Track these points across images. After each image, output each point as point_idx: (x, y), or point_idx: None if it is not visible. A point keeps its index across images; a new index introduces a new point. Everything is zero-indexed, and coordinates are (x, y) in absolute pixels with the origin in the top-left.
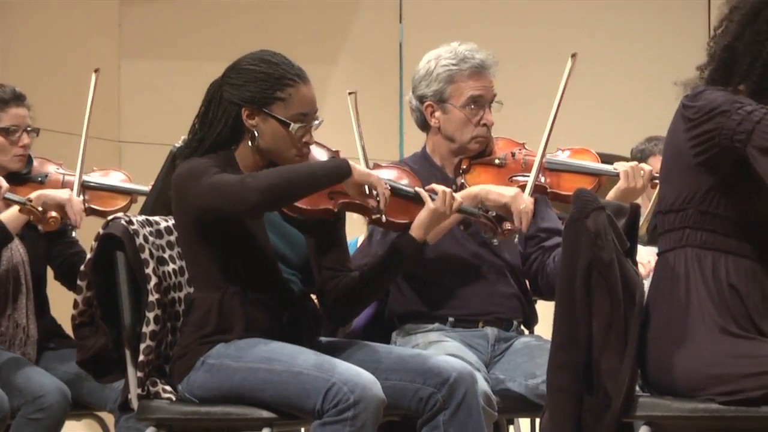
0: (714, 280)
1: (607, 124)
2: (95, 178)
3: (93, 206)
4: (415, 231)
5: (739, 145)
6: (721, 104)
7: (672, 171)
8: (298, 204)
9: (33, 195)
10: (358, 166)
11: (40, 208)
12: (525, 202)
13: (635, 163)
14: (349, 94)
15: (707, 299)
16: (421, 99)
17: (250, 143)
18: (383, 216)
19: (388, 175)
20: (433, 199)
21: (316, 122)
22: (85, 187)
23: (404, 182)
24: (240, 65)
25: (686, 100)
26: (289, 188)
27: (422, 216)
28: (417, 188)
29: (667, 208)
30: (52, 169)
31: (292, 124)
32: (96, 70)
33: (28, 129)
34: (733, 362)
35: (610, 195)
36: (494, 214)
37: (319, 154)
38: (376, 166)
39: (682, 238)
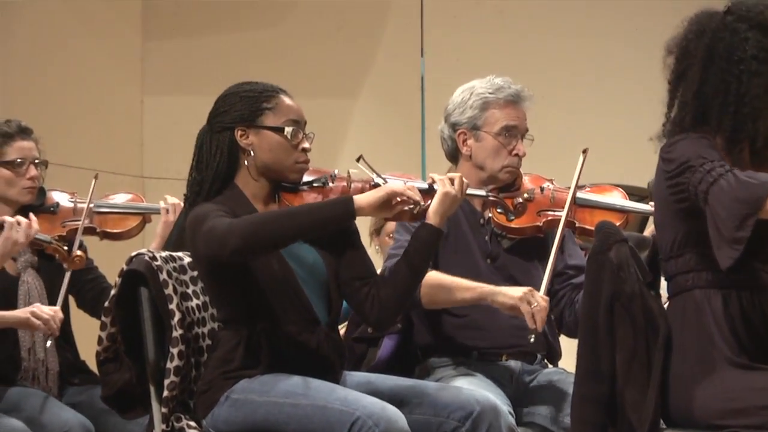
0: (725, 317)
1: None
2: (104, 201)
3: (107, 230)
4: (432, 218)
5: (699, 203)
6: (689, 158)
7: (663, 219)
8: None
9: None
10: (365, 195)
11: (65, 247)
12: (537, 300)
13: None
14: (357, 160)
15: (720, 337)
16: (454, 126)
17: (247, 164)
18: (422, 205)
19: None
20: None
21: (310, 133)
22: (95, 213)
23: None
24: (223, 95)
25: (663, 151)
26: (275, 230)
27: (435, 203)
28: (429, 178)
29: (666, 255)
30: (63, 198)
31: (286, 129)
32: (96, 176)
33: (36, 161)
34: (752, 395)
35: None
36: (500, 194)
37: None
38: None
39: (688, 281)
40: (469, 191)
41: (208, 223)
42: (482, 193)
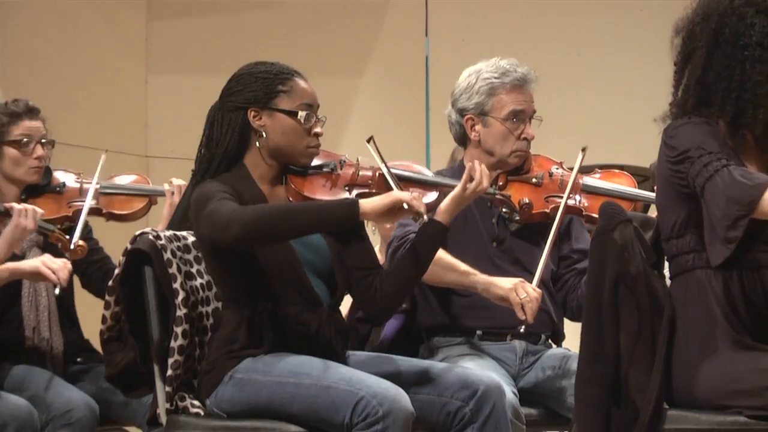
0: (726, 297)
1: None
2: (109, 182)
3: (113, 211)
4: (441, 215)
5: (698, 194)
6: (689, 148)
7: (665, 200)
8: (315, 196)
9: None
10: (371, 200)
11: (67, 236)
12: (525, 292)
13: None
14: (367, 141)
15: (723, 317)
16: (462, 112)
17: (258, 145)
18: (425, 217)
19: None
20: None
21: (322, 117)
22: (101, 194)
23: (428, 174)
24: (237, 74)
25: (666, 135)
26: (278, 225)
27: (447, 201)
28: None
29: (667, 236)
30: (70, 178)
31: (300, 113)
32: (105, 151)
33: (43, 141)
34: (755, 376)
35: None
36: (509, 177)
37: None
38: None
39: (689, 261)
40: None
41: (212, 205)
42: (491, 191)
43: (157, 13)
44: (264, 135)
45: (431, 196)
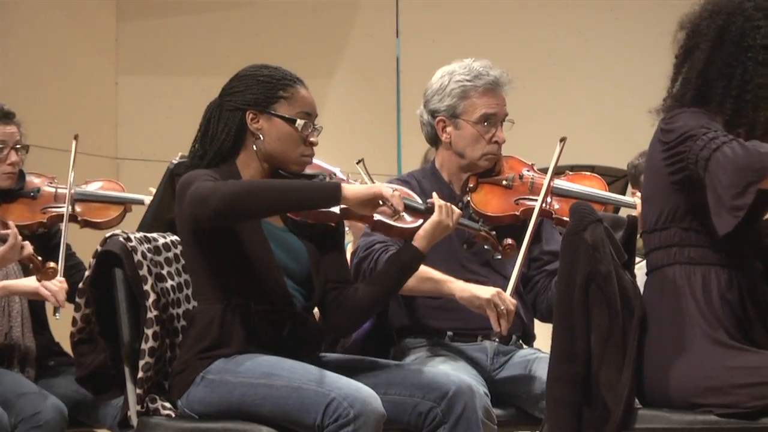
0: (704, 293)
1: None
2: (86, 189)
3: (88, 218)
4: (419, 242)
5: (699, 170)
6: (692, 128)
7: (652, 192)
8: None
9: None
10: (353, 186)
11: (40, 258)
12: (503, 302)
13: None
14: (357, 163)
15: (698, 313)
16: (433, 113)
17: (255, 147)
18: (400, 214)
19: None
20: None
21: (318, 126)
22: (77, 199)
23: (416, 200)
24: (240, 74)
25: (663, 123)
26: (259, 198)
27: (427, 227)
28: (429, 201)
29: (650, 227)
30: (44, 183)
31: (298, 121)
32: (75, 137)
33: (17, 147)
34: (727, 374)
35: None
36: (492, 229)
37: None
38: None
39: (669, 255)
40: (462, 222)
41: (195, 184)
42: (475, 226)
43: (127, 14)
44: (260, 138)
45: (415, 223)
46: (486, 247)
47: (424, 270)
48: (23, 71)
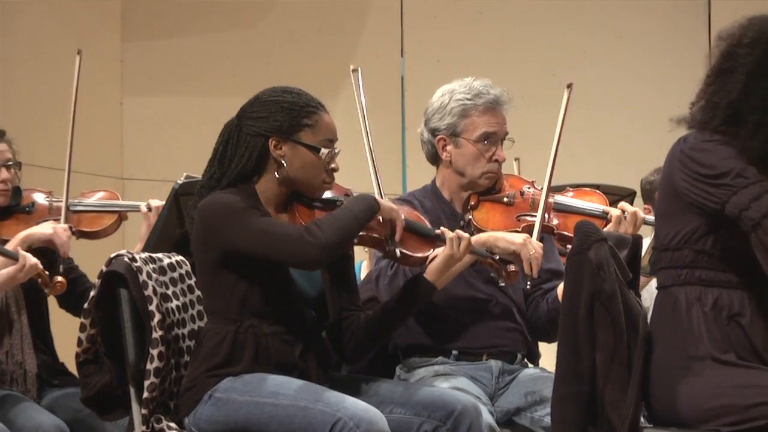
0: (715, 313)
1: (611, 156)
2: (78, 200)
3: (82, 229)
4: (431, 275)
5: (739, 222)
6: (726, 172)
7: (668, 210)
8: None
9: (17, 239)
10: (384, 201)
11: (47, 272)
12: (534, 247)
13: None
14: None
15: (707, 332)
16: (434, 132)
17: (276, 174)
18: (397, 249)
19: (407, 212)
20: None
21: (337, 150)
22: (72, 212)
23: (427, 226)
24: (262, 98)
25: (687, 147)
26: (346, 238)
27: (438, 261)
28: (439, 230)
29: (663, 246)
30: (39, 198)
31: (322, 150)
32: (79, 52)
33: (9, 164)
34: (736, 393)
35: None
36: (499, 257)
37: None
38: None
39: (681, 275)
40: (472, 251)
41: (256, 221)
42: (483, 253)
43: (132, 34)
44: (283, 165)
45: (426, 252)
46: (492, 274)
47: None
48: (28, 92)
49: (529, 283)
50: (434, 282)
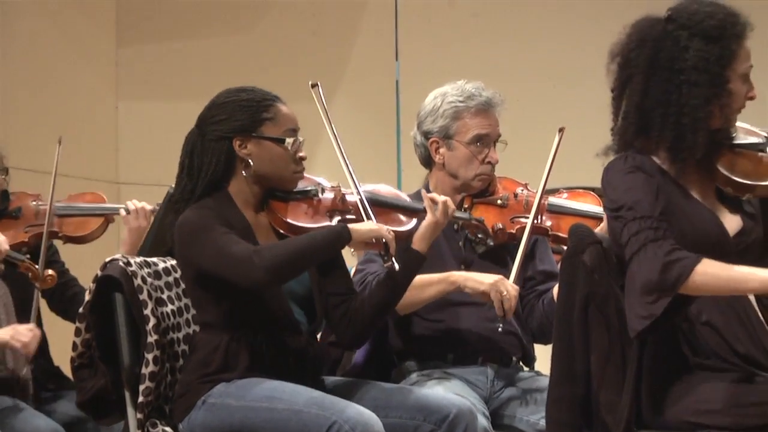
0: (689, 323)
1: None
2: (63, 205)
3: (68, 234)
4: (418, 244)
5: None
6: (621, 206)
7: (613, 234)
8: (298, 223)
9: None
10: (358, 227)
11: (37, 266)
12: (507, 289)
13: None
14: (312, 86)
15: (686, 342)
16: (427, 135)
17: (245, 173)
18: (395, 264)
19: (385, 191)
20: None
21: (301, 139)
22: (58, 216)
23: (406, 200)
24: (218, 102)
25: (604, 177)
26: (297, 264)
27: (423, 229)
28: (420, 204)
29: (626, 266)
30: (28, 202)
31: (287, 140)
32: (59, 141)
33: None
34: (724, 395)
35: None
36: (481, 219)
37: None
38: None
39: None
40: (456, 215)
41: (217, 239)
42: (466, 216)
43: (128, 38)
44: (251, 163)
45: (410, 224)
46: (480, 235)
47: (421, 278)
48: (23, 96)
49: (500, 325)
50: (422, 251)
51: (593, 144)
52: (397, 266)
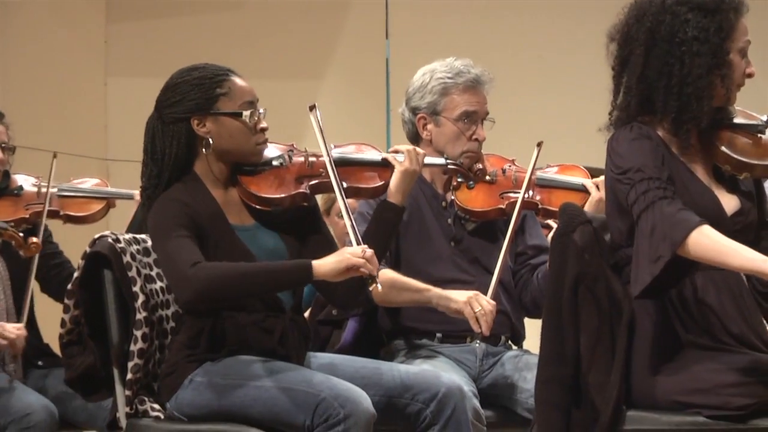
0: (680, 300)
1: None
2: (68, 185)
3: (69, 213)
4: (393, 197)
5: (630, 207)
6: (629, 169)
7: (611, 209)
8: (268, 195)
9: None
10: (323, 263)
11: (21, 234)
12: (481, 304)
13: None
14: (310, 109)
15: (678, 320)
16: (414, 111)
17: (206, 151)
18: (378, 285)
19: (348, 150)
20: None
21: (262, 110)
22: (60, 196)
23: (369, 154)
24: (171, 84)
25: (610, 145)
26: (233, 291)
27: (395, 180)
28: (383, 154)
29: (617, 244)
30: (28, 182)
31: (243, 113)
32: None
33: (3, 146)
34: (714, 375)
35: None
36: (461, 161)
37: (271, 152)
38: (336, 146)
39: None
40: (427, 160)
41: (169, 243)
42: (441, 161)
43: (117, 15)
44: (211, 141)
45: (383, 180)
46: (459, 179)
47: (402, 280)
48: (11, 72)
49: (478, 342)
50: (398, 203)
51: (587, 123)
52: (380, 287)
